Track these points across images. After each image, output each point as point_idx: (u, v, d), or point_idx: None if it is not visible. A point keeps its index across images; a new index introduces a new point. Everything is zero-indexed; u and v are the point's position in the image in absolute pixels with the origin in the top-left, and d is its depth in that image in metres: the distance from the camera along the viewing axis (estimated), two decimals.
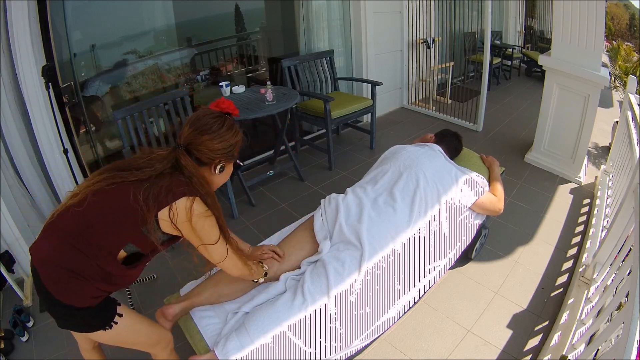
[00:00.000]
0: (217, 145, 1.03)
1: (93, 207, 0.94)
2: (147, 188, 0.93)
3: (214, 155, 1.04)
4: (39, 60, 2.08)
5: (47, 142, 2.18)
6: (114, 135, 3.11)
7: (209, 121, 1.04)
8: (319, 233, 1.54)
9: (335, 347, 1.28)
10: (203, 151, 1.03)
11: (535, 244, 2.16)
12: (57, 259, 0.94)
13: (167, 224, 0.96)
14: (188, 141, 1.03)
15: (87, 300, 0.95)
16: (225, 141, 1.05)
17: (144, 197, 0.92)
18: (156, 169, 0.98)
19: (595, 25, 2.35)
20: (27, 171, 2.24)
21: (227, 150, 1.06)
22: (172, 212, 0.95)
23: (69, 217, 0.95)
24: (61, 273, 0.93)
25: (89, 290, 0.95)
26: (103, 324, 1.00)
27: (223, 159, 1.07)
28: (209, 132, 1.02)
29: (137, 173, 0.97)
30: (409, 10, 3.91)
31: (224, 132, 1.04)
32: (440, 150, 1.84)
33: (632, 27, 8.39)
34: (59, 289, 0.93)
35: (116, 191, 0.95)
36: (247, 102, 2.61)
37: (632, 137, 2.03)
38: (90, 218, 0.94)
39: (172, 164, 1.01)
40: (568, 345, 1.43)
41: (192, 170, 1.00)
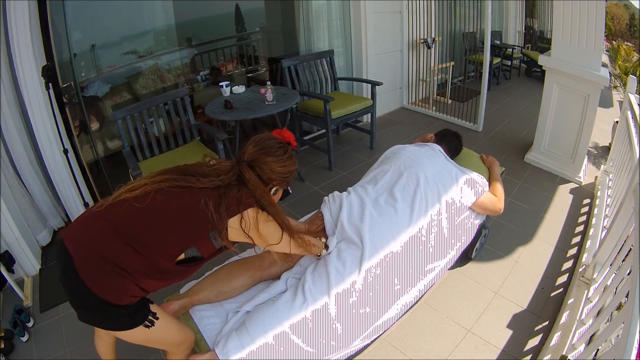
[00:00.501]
0: (278, 169, 1.12)
1: (158, 207, 0.94)
2: (218, 197, 0.99)
3: (273, 177, 1.12)
4: (39, 60, 2.08)
5: (47, 142, 2.18)
6: (114, 135, 3.11)
7: (274, 145, 1.13)
8: (328, 225, 1.56)
9: (335, 346, 1.28)
10: (265, 170, 1.11)
11: (535, 244, 2.16)
12: (103, 250, 0.90)
13: (236, 232, 1.02)
14: (252, 158, 1.11)
15: (126, 298, 0.93)
16: (286, 167, 1.14)
17: (215, 205, 0.96)
18: (223, 179, 1.04)
19: (595, 25, 2.35)
20: (27, 171, 2.24)
21: (285, 176, 1.15)
22: (243, 221, 1.02)
23: (125, 211, 0.94)
24: (104, 266, 0.89)
25: (131, 289, 0.93)
26: (134, 324, 0.98)
27: (279, 183, 1.16)
28: (273, 154, 1.12)
29: (205, 181, 1.01)
30: (409, 10, 3.91)
31: (286, 158, 1.14)
32: (441, 150, 1.84)
33: (632, 27, 8.39)
34: (97, 282, 0.90)
35: (185, 195, 0.97)
36: (247, 102, 2.61)
37: (632, 137, 2.03)
38: (154, 217, 0.94)
39: (237, 177, 1.07)
40: (568, 345, 1.43)
41: (255, 183, 1.07)
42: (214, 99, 2.74)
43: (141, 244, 0.92)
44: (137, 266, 0.92)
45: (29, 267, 2.10)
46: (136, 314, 0.98)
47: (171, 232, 0.95)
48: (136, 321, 0.98)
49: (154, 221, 0.94)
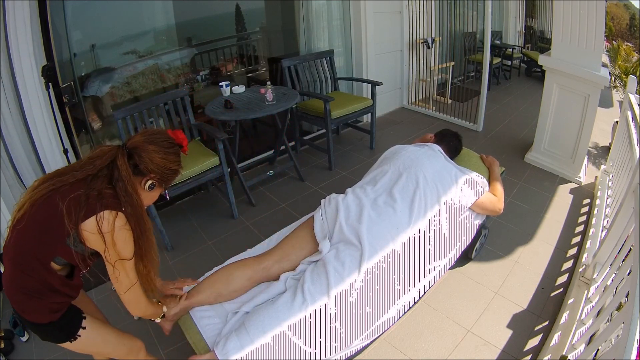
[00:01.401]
0: (158, 159, 1.02)
1: (29, 220, 0.93)
2: (70, 197, 0.91)
3: (151, 167, 1.02)
4: (39, 60, 2.08)
5: (47, 142, 2.18)
6: (114, 135, 3.11)
7: (160, 137, 1.06)
8: (318, 233, 1.54)
9: (335, 347, 1.28)
10: (144, 158, 1.01)
11: (535, 244, 2.16)
12: (12, 283, 0.96)
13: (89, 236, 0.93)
14: (134, 145, 1.02)
15: (48, 315, 0.98)
16: (167, 161, 1.04)
17: (67, 208, 0.89)
18: (95, 166, 0.96)
19: (595, 25, 2.35)
20: (27, 171, 2.24)
21: (164, 170, 1.05)
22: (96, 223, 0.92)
23: (14, 238, 0.95)
24: (19, 295, 0.96)
25: (44, 306, 0.97)
26: (68, 337, 1.04)
27: (157, 178, 1.05)
28: (157, 144, 1.03)
29: (77, 174, 0.95)
30: (409, 10, 3.91)
31: (169, 153, 1.05)
32: (440, 150, 1.84)
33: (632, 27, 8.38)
34: (23, 310, 0.98)
35: (48, 201, 0.93)
36: (247, 102, 2.61)
37: (632, 137, 2.03)
38: (27, 234, 0.94)
39: (109, 163, 0.98)
40: (568, 345, 1.43)
41: (124, 173, 0.97)
42: (214, 99, 2.74)
43: (26, 265, 0.94)
44: (36, 286, 0.95)
45: None
46: (65, 328, 1.04)
47: (39, 242, 0.94)
48: (71, 333, 1.04)
49: (25, 238, 0.94)
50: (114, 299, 1.89)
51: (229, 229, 2.40)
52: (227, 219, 2.50)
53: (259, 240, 1.76)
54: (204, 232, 2.39)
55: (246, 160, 3.19)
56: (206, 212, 2.63)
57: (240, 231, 2.37)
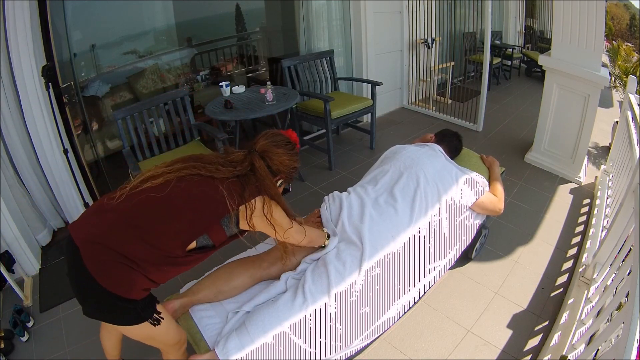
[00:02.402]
0: (287, 161, 1.17)
1: (176, 196, 0.95)
2: (231, 184, 1.03)
3: (282, 168, 1.17)
4: (39, 60, 2.08)
5: (47, 142, 2.18)
6: (114, 135, 3.11)
7: (283, 139, 1.20)
8: (327, 225, 1.55)
9: (335, 346, 1.28)
10: (275, 161, 1.15)
11: (535, 244, 2.16)
12: (112, 242, 0.89)
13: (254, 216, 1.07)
14: (263, 149, 1.15)
15: (136, 292, 0.93)
16: (292, 161, 1.19)
17: (228, 191, 1.00)
18: (239, 170, 1.08)
19: (595, 25, 2.35)
20: (27, 171, 2.24)
21: (291, 169, 1.20)
22: (249, 208, 1.05)
23: (140, 202, 0.93)
24: (113, 258, 0.88)
25: (141, 282, 0.92)
26: (141, 319, 0.98)
27: (285, 176, 1.21)
28: (284, 147, 1.18)
29: (224, 170, 1.05)
30: (409, 10, 3.91)
31: (293, 154, 1.21)
32: (441, 150, 1.84)
33: (632, 27, 8.38)
34: (105, 275, 0.88)
35: (204, 183, 1.00)
36: (247, 102, 2.61)
37: (632, 137, 2.04)
38: (169, 206, 0.95)
39: (250, 167, 1.11)
40: (568, 345, 1.43)
41: (263, 173, 1.11)
42: (214, 99, 2.74)
43: (152, 234, 0.92)
44: (146, 257, 0.91)
45: (29, 267, 2.10)
46: (144, 310, 0.98)
47: (184, 220, 0.96)
48: (143, 317, 0.98)
49: (168, 210, 0.95)
50: None
51: None
52: None
53: (259, 240, 1.75)
54: None
55: None
56: None
57: None
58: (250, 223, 1.08)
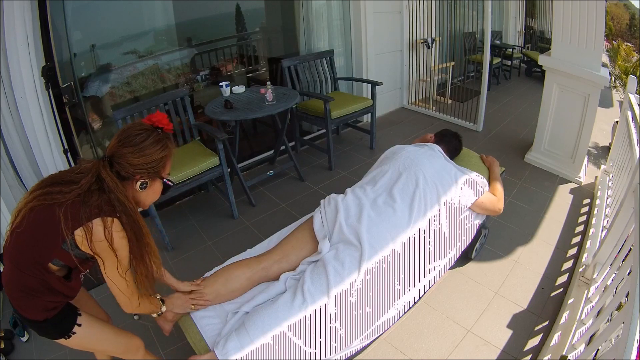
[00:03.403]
0: (136, 160, 0.99)
1: (29, 225, 0.96)
2: (68, 206, 0.92)
3: (133, 170, 0.99)
4: (39, 60, 2.08)
5: (45, 143, 2.18)
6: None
7: (133, 132, 1.00)
8: (318, 233, 1.54)
9: (335, 347, 1.28)
10: (123, 164, 0.98)
11: (535, 244, 2.16)
12: (11, 282, 0.99)
13: (84, 242, 0.94)
14: (112, 152, 1.00)
15: (42, 313, 1.00)
16: (147, 156, 1.00)
17: (64, 215, 0.91)
18: (82, 186, 0.94)
19: (595, 25, 2.35)
20: (27, 171, 2.24)
21: (148, 166, 1.01)
22: (86, 232, 0.92)
23: (14, 240, 0.98)
24: (17, 293, 0.99)
25: (40, 304, 1.00)
26: (62, 334, 1.05)
27: (144, 176, 1.02)
28: (130, 144, 0.98)
29: (66, 191, 0.94)
30: (409, 10, 3.91)
31: (146, 146, 0.99)
32: (440, 150, 1.84)
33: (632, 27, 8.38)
34: (20, 307, 1.00)
35: (46, 210, 0.94)
36: (247, 102, 2.61)
37: (632, 137, 2.03)
38: (26, 237, 0.96)
39: (96, 178, 0.96)
40: (568, 345, 1.43)
41: (111, 184, 0.96)
42: (214, 99, 2.74)
43: (25, 265, 0.97)
44: (35, 285, 0.97)
45: None
46: (59, 325, 1.05)
47: (32, 248, 0.96)
48: (63, 331, 1.05)
49: (24, 241, 0.97)
50: None
51: (229, 229, 2.40)
52: (227, 219, 2.50)
53: (259, 240, 1.76)
54: (204, 232, 2.39)
55: (246, 160, 3.19)
56: (206, 212, 2.63)
57: (240, 231, 2.37)
58: (92, 249, 0.93)
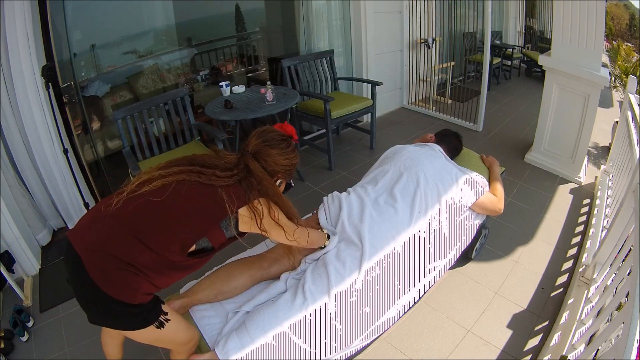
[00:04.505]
0: (282, 161, 1.13)
1: (177, 199, 0.94)
2: (232, 188, 1.02)
3: (277, 169, 1.13)
4: (40, 60, 2.08)
5: (47, 142, 2.18)
6: (114, 135, 3.11)
7: (276, 137, 1.14)
8: (325, 227, 1.54)
9: (335, 346, 1.28)
10: (269, 162, 1.12)
11: (535, 244, 2.16)
12: (113, 248, 0.89)
13: (246, 220, 1.05)
14: (256, 150, 1.12)
15: (139, 296, 0.92)
16: (289, 159, 1.15)
17: (228, 195, 0.99)
18: (237, 173, 1.06)
19: (595, 25, 2.35)
20: (27, 171, 2.24)
21: (288, 168, 1.17)
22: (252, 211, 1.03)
23: (139, 206, 0.92)
24: (115, 264, 0.88)
25: (145, 287, 0.92)
26: (148, 322, 0.98)
27: (282, 175, 1.17)
28: (277, 147, 1.13)
29: (222, 175, 1.03)
30: (409, 10, 3.91)
31: (289, 151, 1.15)
32: (441, 150, 1.84)
33: (632, 27, 8.38)
34: (108, 282, 0.88)
35: (203, 188, 0.99)
36: (247, 102, 2.61)
37: (632, 137, 2.04)
38: (168, 210, 0.94)
39: (246, 169, 1.08)
40: (568, 345, 1.43)
41: (260, 175, 1.08)
42: (214, 99, 2.74)
43: (153, 238, 0.91)
44: (148, 262, 0.91)
45: (29, 267, 2.10)
46: (149, 313, 0.97)
47: (184, 224, 0.95)
48: (149, 321, 0.97)
49: (167, 214, 0.94)
50: None
51: None
52: None
53: (259, 240, 1.76)
54: None
55: None
56: None
57: None
58: (261, 227, 1.07)
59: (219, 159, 1.11)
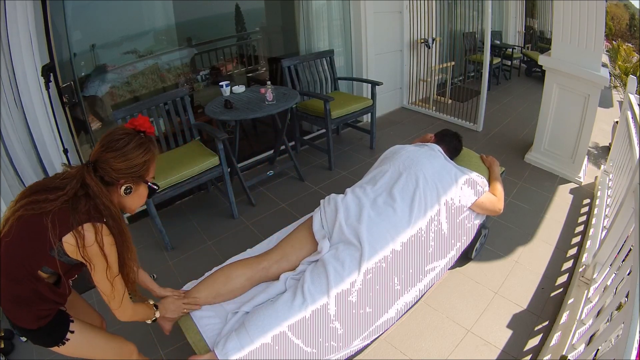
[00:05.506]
0: (118, 165, 0.98)
1: (17, 234, 0.95)
2: (55, 213, 0.92)
3: (116, 175, 0.99)
4: (40, 60, 2.07)
5: (51, 142, 2.18)
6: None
7: (115, 137, 1.00)
8: (317, 233, 1.54)
9: (335, 347, 1.28)
10: (106, 169, 0.98)
11: (535, 244, 2.16)
12: (4, 291, 0.97)
13: (72, 249, 0.93)
14: (95, 158, 0.99)
15: (35, 321, 0.99)
16: (129, 160, 0.99)
17: (52, 222, 0.91)
18: (67, 192, 0.94)
19: (595, 25, 2.35)
20: (27, 171, 2.24)
21: (131, 170, 1.00)
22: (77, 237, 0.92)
23: (3, 249, 0.96)
24: (10, 303, 0.98)
25: (33, 313, 0.99)
26: (56, 341, 1.05)
27: (128, 180, 1.02)
28: (113, 149, 0.98)
29: (52, 198, 0.94)
30: (409, 10, 3.91)
31: (129, 150, 0.99)
32: (440, 150, 1.84)
33: (632, 27, 8.39)
34: (13, 317, 1.00)
35: (33, 219, 0.94)
36: (247, 102, 2.61)
37: (632, 137, 2.04)
38: (15, 246, 0.95)
39: (81, 184, 0.96)
40: (568, 345, 1.43)
41: (96, 190, 0.96)
42: (214, 99, 2.74)
43: (15, 275, 0.95)
44: (25, 294, 0.96)
45: None
46: (56, 332, 1.05)
47: (22, 255, 0.95)
48: (58, 338, 1.05)
49: (13, 250, 0.96)
50: None
51: (229, 229, 2.40)
52: (227, 219, 2.50)
53: (259, 240, 1.76)
54: (204, 232, 2.39)
55: (246, 160, 3.19)
56: (206, 212, 2.63)
57: (240, 231, 2.37)
58: (84, 255, 0.92)
59: (60, 176, 1.00)
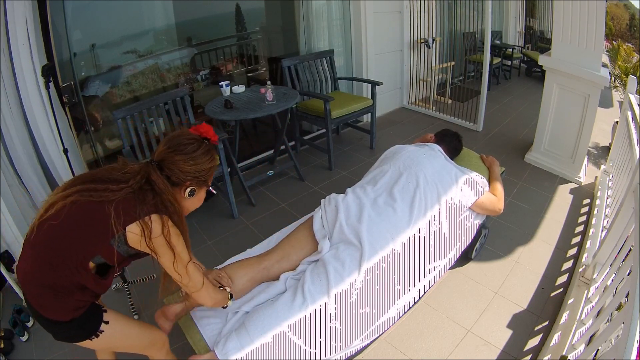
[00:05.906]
0: (188, 168, 1.02)
1: (70, 219, 0.93)
2: (120, 202, 0.93)
3: (184, 177, 1.02)
4: (42, 60, 2.08)
5: (51, 142, 2.18)
6: (114, 134, 3.11)
7: (183, 141, 1.03)
8: (318, 232, 1.54)
9: (335, 346, 1.28)
10: (174, 171, 1.01)
11: (535, 244, 2.16)
12: (36, 278, 0.95)
13: (136, 239, 0.95)
14: (161, 158, 1.02)
15: (70, 313, 0.97)
16: (198, 165, 1.03)
17: (116, 211, 0.91)
18: (132, 185, 0.96)
19: (595, 25, 2.35)
20: (27, 171, 2.24)
21: (198, 175, 1.04)
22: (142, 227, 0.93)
23: (45, 232, 0.94)
24: (42, 291, 0.95)
25: (69, 304, 0.96)
26: (89, 334, 1.02)
27: (194, 183, 1.05)
28: (182, 152, 1.01)
29: (114, 189, 0.95)
30: (409, 10, 3.91)
31: (198, 155, 1.03)
32: (440, 150, 1.84)
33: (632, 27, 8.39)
34: (43, 307, 0.97)
35: (92, 206, 0.94)
36: (247, 101, 2.61)
37: (632, 137, 2.04)
38: (67, 231, 0.94)
39: (146, 179, 0.98)
40: (568, 345, 1.43)
41: (162, 187, 0.98)
42: (213, 99, 2.74)
43: (59, 262, 0.94)
44: (65, 284, 0.95)
45: None
46: (90, 324, 1.03)
47: (80, 241, 0.94)
48: (92, 330, 1.03)
49: (62, 236, 0.94)
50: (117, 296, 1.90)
51: (229, 229, 2.40)
52: (227, 219, 2.50)
53: (259, 240, 1.76)
54: (204, 232, 2.39)
55: (246, 160, 3.19)
56: (206, 212, 2.63)
57: (240, 231, 2.37)
58: (150, 245, 0.95)
59: (120, 169, 1.02)
